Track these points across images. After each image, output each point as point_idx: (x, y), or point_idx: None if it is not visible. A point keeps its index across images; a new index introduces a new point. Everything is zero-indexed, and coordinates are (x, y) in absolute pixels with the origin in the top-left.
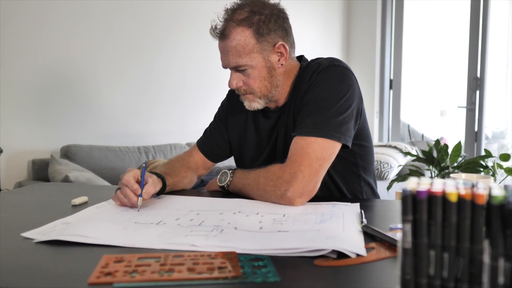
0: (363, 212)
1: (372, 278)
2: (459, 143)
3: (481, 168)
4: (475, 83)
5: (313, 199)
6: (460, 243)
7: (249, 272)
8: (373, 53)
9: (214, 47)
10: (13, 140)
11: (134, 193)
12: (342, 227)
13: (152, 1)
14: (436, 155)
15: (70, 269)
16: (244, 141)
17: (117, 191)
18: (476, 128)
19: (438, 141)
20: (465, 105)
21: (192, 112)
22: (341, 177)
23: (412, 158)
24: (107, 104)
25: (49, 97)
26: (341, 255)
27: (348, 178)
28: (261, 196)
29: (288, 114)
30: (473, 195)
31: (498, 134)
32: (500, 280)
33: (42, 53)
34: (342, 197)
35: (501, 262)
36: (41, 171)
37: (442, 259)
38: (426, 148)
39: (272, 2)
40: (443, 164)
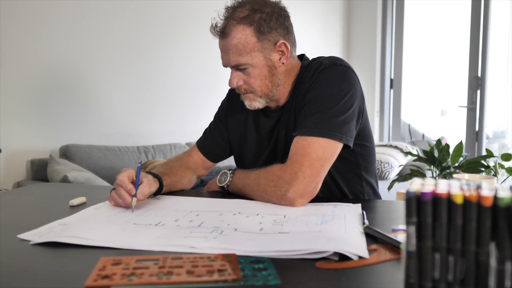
0: (365, 213)
1: (375, 281)
2: (461, 143)
3: (483, 168)
4: (476, 83)
5: (314, 200)
6: (466, 246)
7: (250, 275)
8: (374, 52)
9: (214, 47)
10: (12, 140)
11: (129, 194)
12: (344, 229)
13: (152, 1)
14: (437, 155)
15: (67, 272)
16: (245, 141)
17: (112, 192)
18: (477, 128)
19: (440, 141)
20: (466, 105)
21: (192, 112)
22: (343, 178)
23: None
24: (107, 104)
25: (48, 97)
26: (343, 257)
27: (350, 179)
28: (262, 197)
29: (289, 114)
30: (479, 197)
31: (499, 134)
32: (507, 284)
33: (41, 53)
34: (344, 198)
35: (508, 266)
36: (40, 171)
37: (447, 262)
38: (427, 148)
39: (273, 0)
40: (445, 164)
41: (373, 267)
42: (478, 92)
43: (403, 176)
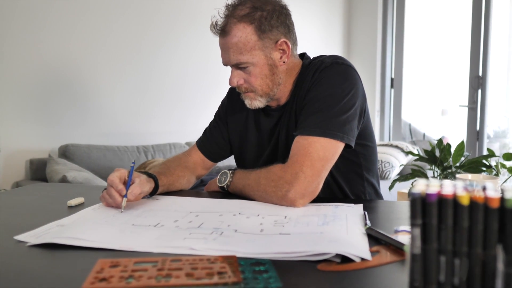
0: (367, 214)
1: (378, 284)
2: (462, 143)
3: (484, 168)
4: (477, 82)
5: (315, 200)
6: (472, 249)
7: (250, 278)
8: (374, 52)
9: (214, 46)
10: (11, 140)
11: (119, 194)
12: (346, 230)
13: (152, 1)
14: (439, 155)
15: (64, 274)
16: (245, 141)
17: (103, 192)
18: (478, 127)
19: (441, 141)
20: (467, 104)
21: (192, 112)
22: (344, 178)
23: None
24: (106, 103)
25: (47, 96)
26: (345, 259)
27: (351, 179)
28: (262, 197)
29: (290, 113)
30: (486, 198)
31: (500, 133)
32: None
33: (41, 52)
34: (345, 198)
35: None
36: (39, 171)
37: (453, 265)
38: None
39: None
40: (446, 164)
41: (376, 270)
42: (479, 92)
43: (404, 176)
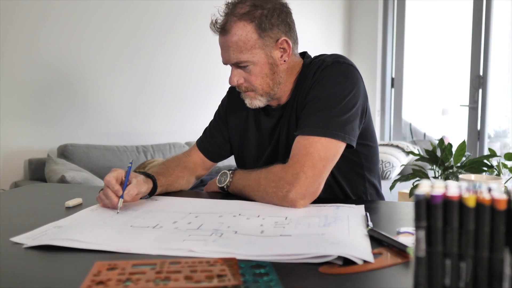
0: (368, 215)
1: (381, 287)
2: (464, 142)
3: (485, 168)
4: (478, 81)
5: (316, 201)
6: (478, 252)
7: (250, 281)
8: (375, 51)
9: (214, 46)
10: (10, 139)
11: (116, 194)
12: (347, 231)
13: (152, 0)
14: (440, 155)
15: (60, 277)
16: (245, 140)
17: (100, 192)
18: (479, 127)
19: (442, 140)
20: (468, 104)
21: (192, 111)
22: (345, 178)
23: (414, 158)
24: (106, 103)
25: (46, 96)
26: (347, 262)
27: (352, 179)
28: (262, 198)
29: (291, 113)
30: (493, 200)
31: (501, 133)
32: None
33: (40, 52)
34: (346, 199)
35: None
36: (38, 171)
37: (459, 269)
38: (428, 147)
39: None
40: (447, 164)
41: (379, 272)
42: (480, 91)
43: (405, 176)
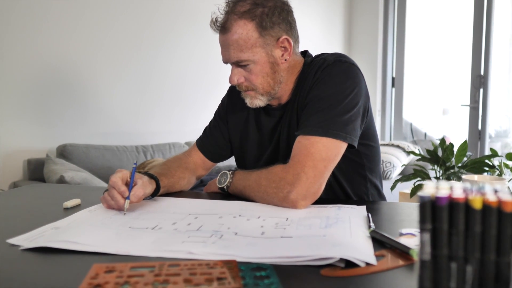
0: (370, 216)
1: None
2: (465, 142)
3: (487, 168)
4: (479, 81)
5: (317, 202)
6: (485, 255)
7: (251, 284)
8: (375, 51)
9: (214, 45)
10: (9, 139)
11: (122, 195)
12: (349, 233)
13: (152, 0)
14: (441, 155)
15: (57, 280)
16: (245, 140)
17: (105, 193)
18: (480, 127)
19: (444, 140)
20: (469, 103)
21: (192, 111)
22: (347, 179)
23: (415, 158)
24: (105, 103)
25: (46, 95)
26: (350, 264)
27: (354, 180)
28: (263, 199)
29: (292, 112)
30: (500, 202)
31: (501, 133)
32: None
33: (39, 51)
34: (347, 199)
35: None
36: (37, 171)
37: (465, 273)
38: (429, 147)
39: None
40: (448, 164)
41: (382, 275)
42: (481, 91)
43: (406, 176)
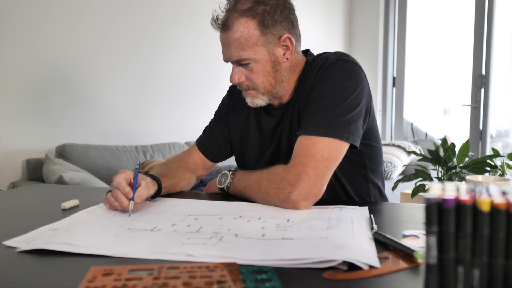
0: (373, 217)
1: None
2: (467, 142)
3: (489, 168)
4: (480, 81)
5: (319, 203)
6: (493, 259)
7: (252, 287)
8: (376, 50)
9: (215, 44)
10: (8, 139)
11: (126, 197)
12: (352, 234)
13: None
14: (443, 155)
15: (54, 283)
16: (246, 140)
17: (108, 194)
18: (481, 127)
19: (445, 140)
20: (470, 103)
21: (192, 111)
22: (348, 179)
23: (416, 158)
24: (104, 102)
25: (45, 95)
26: (352, 267)
27: (356, 180)
28: (264, 199)
29: (293, 112)
30: (508, 204)
31: (502, 133)
32: None
33: (38, 51)
34: (349, 200)
35: None
36: (36, 171)
37: (472, 277)
38: (429, 147)
39: None
40: (450, 164)
41: (385, 278)
42: (482, 91)
43: (408, 176)
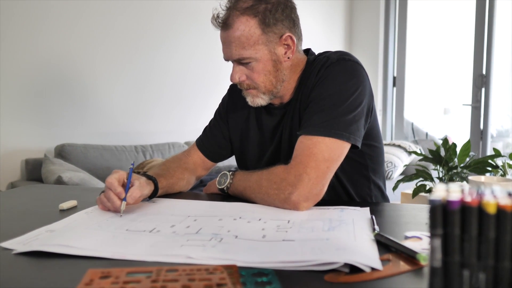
0: (374, 218)
1: None
2: (468, 142)
3: (490, 168)
4: (481, 80)
5: (320, 203)
6: (499, 262)
7: None
8: (377, 50)
9: (215, 44)
10: (6, 139)
11: (118, 197)
12: (353, 236)
13: None
14: (444, 155)
15: (51, 286)
16: (246, 140)
17: (101, 194)
18: (482, 127)
19: (446, 140)
20: (470, 103)
21: (192, 111)
22: (350, 180)
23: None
24: (104, 102)
25: (44, 95)
26: (354, 269)
27: (357, 181)
28: (264, 200)
29: (294, 112)
30: None
31: (503, 133)
32: None
33: (37, 51)
34: (350, 201)
35: None
36: (35, 171)
37: (478, 280)
38: (430, 147)
39: None
40: (451, 164)
41: (388, 280)
42: (483, 90)
43: (409, 176)
